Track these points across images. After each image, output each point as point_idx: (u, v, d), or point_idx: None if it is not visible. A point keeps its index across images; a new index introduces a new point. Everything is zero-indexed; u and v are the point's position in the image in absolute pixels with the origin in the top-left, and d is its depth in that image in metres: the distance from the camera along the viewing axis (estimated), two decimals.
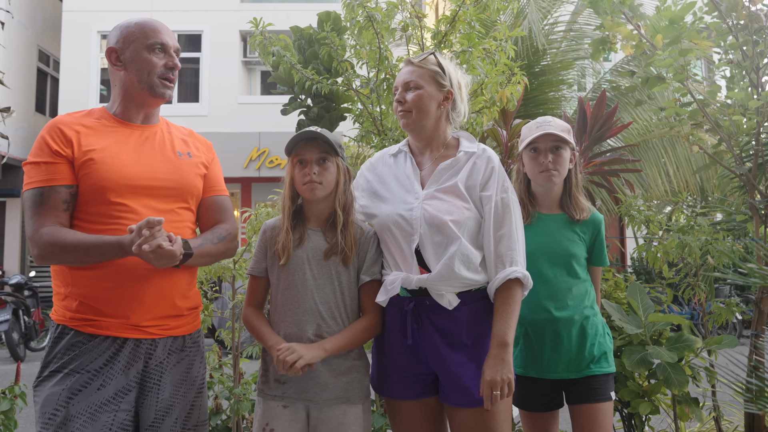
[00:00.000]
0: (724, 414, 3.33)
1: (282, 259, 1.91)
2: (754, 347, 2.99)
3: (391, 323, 1.94)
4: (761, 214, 3.18)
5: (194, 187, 1.93)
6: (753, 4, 3.03)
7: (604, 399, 2.15)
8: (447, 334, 1.87)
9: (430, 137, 2.01)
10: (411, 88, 1.97)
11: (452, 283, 1.86)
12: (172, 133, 1.99)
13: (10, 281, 9.19)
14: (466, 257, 1.86)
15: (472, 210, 1.90)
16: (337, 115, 8.07)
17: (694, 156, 7.70)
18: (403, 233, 1.91)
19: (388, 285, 1.91)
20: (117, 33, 1.89)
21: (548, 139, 2.21)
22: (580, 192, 2.30)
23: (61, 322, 1.77)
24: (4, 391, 2.99)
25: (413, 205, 1.92)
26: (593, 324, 2.20)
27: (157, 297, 1.79)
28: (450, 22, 3.31)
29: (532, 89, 7.12)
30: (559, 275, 2.19)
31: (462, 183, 1.92)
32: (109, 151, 1.80)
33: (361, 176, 2.13)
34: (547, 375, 2.18)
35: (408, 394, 1.94)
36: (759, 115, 3.11)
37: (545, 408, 2.23)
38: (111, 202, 1.76)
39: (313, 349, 1.82)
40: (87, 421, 1.67)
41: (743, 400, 2.80)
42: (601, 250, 2.28)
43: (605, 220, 2.47)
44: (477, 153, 1.97)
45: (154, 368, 1.80)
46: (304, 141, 1.92)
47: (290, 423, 1.87)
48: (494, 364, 1.79)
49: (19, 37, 13.06)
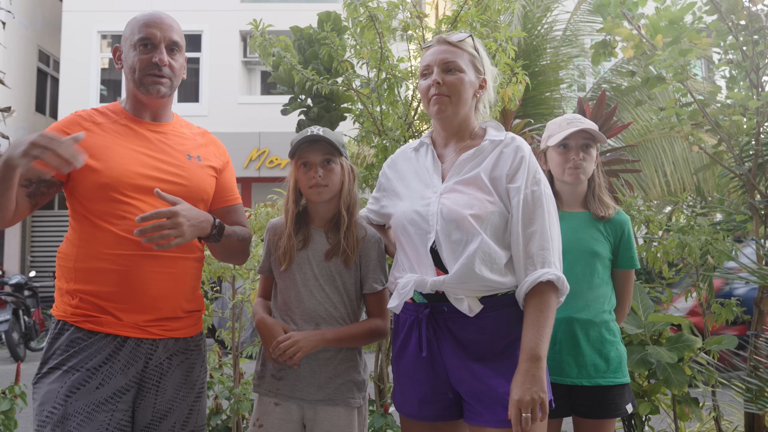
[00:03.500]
0: (724, 414, 3.33)
1: (283, 265, 1.89)
2: (754, 347, 2.99)
3: (406, 333, 1.75)
4: (761, 214, 3.19)
5: (203, 191, 1.88)
6: (753, 4, 3.03)
7: (611, 415, 2.05)
8: (469, 345, 1.65)
9: (459, 127, 1.81)
10: (451, 70, 1.74)
11: (472, 286, 1.64)
12: (185, 134, 1.94)
13: (10, 281, 9.19)
14: (489, 256, 1.63)
15: (497, 204, 1.67)
16: (337, 115, 8.07)
17: (692, 156, 7.71)
18: (418, 230, 1.71)
19: (400, 288, 1.73)
20: (124, 30, 1.88)
21: (580, 136, 2.13)
22: (603, 191, 2.21)
23: (62, 317, 1.75)
24: (4, 391, 2.99)
25: (431, 199, 1.72)
26: (611, 329, 2.09)
27: (161, 298, 1.77)
28: (451, 23, 3.31)
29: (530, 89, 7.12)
30: (581, 274, 2.08)
31: (486, 174, 1.70)
32: (114, 150, 1.78)
33: (383, 175, 1.97)
34: (559, 379, 2.04)
35: (424, 414, 1.73)
36: (759, 115, 3.12)
37: (553, 414, 1.95)
38: (115, 200, 1.74)
39: (313, 339, 1.80)
40: (84, 419, 1.66)
41: (743, 400, 2.80)
42: (628, 250, 2.16)
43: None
44: (505, 141, 1.75)
45: (154, 369, 1.78)
46: (307, 143, 1.88)
47: (281, 421, 1.85)
48: (524, 381, 1.54)
49: (19, 37, 13.06)
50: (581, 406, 2.09)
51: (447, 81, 1.74)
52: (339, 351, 1.88)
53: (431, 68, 1.77)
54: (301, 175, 1.90)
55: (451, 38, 1.78)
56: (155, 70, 1.79)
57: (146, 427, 1.79)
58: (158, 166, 1.82)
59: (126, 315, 1.74)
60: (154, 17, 1.83)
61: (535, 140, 3.24)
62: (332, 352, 1.87)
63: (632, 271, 2.21)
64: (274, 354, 1.81)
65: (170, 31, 1.83)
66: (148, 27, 1.81)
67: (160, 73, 1.80)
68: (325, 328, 1.85)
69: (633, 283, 2.23)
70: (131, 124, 1.85)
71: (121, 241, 1.73)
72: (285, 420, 1.85)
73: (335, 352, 1.87)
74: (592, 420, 2.07)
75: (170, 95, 1.88)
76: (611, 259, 2.16)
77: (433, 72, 1.76)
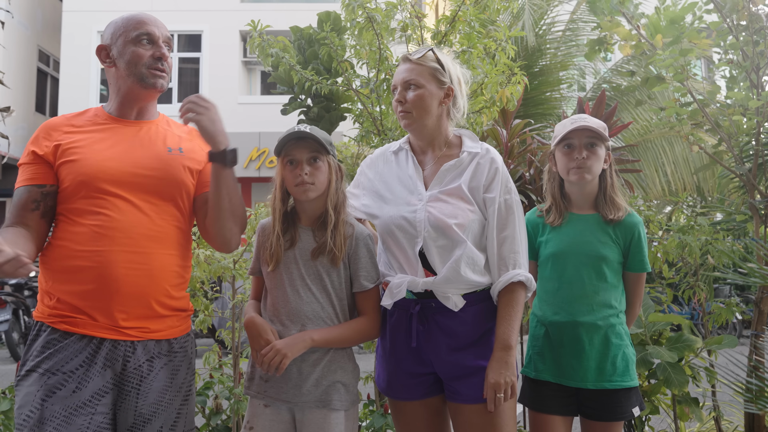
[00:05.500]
0: (724, 414, 3.33)
1: (270, 265, 1.87)
2: (754, 347, 2.99)
3: (396, 325, 1.92)
4: (761, 214, 3.19)
5: (181, 182, 1.86)
6: (754, 4, 3.03)
7: (618, 418, 2.05)
8: (453, 334, 1.86)
9: (431, 136, 1.97)
10: (411, 87, 1.91)
11: (458, 285, 1.85)
12: (169, 130, 1.95)
13: (10, 281, 9.19)
14: (472, 260, 1.85)
15: (476, 212, 1.88)
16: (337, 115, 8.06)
17: (692, 156, 7.72)
18: (407, 236, 1.89)
19: (393, 288, 1.88)
20: (107, 31, 1.90)
21: (583, 134, 2.10)
22: (616, 192, 2.16)
23: (39, 318, 1.75)
24: (4, 391, 2.99)
25: (417, 207, 1.89)
26: (618, 333, 2.07)
27: (134, 296, 1.74)
28: (450, 22, 3.31)
29: (531, 89, 7.12)
30: (587, 278, 2.07)
31: (466, 185, 1.89)
32: (92, 146, 1.79)
33: (362, 174, 2.09)
34: (563, 381, 2.06)
35: (413, 394, 1.93)
36: (759, 115, 3.12)
37: (560, 411, 2.07)
38: (92, 196, 1.74)
39: (298, 343, 1.79)
40: (62, 423, 1.64)
41: (743, 400, 2.80)
42: (638, 253, 2.12)
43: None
44: (480, 153, 1.94)
45: (133, 372, 1.75)
46: (294, 141, 1.86)
47: (271, 423, 1.83)
48: (498, 367, 1.80)
49: (19, 37, 13.06)
50: (587, 408, 2.08)
51: (408, 98, 1.91)
52: (327, 352, 1.85)
53: (396, 87, 1.96)
54: (288, 173, 1.87)
55: (412, 57, 1.95)
56: (158, 64, 1.85)
57: (129, 430, 1.76)
58: (135, 161, 1.81)
59: (101, 314, 1.72)
60: (148, 15, 1.89)
61: (536, 140, 3.24)
62: (319, 353, 1.84)
63: (643, 275, 2.17)
64: (258, 365, 1.80)
65: (164, 29, 1.91)
66: (146, 24, 1.86)
67: (162, 68, 1.86)
68: (312, 328, 1.83)
69: (643, 286, 2.20)
70: (111, 123, 1.87)
71: (95, 237, 1.72)
72: (275, 421, 1.84)
73: (322, 353, 1.85)
74: (599, 422, 2.06)
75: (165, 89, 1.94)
76: (621, 262, 2.13)
77: (398, 90, 1.95)
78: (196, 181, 1.93)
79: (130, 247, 1.74)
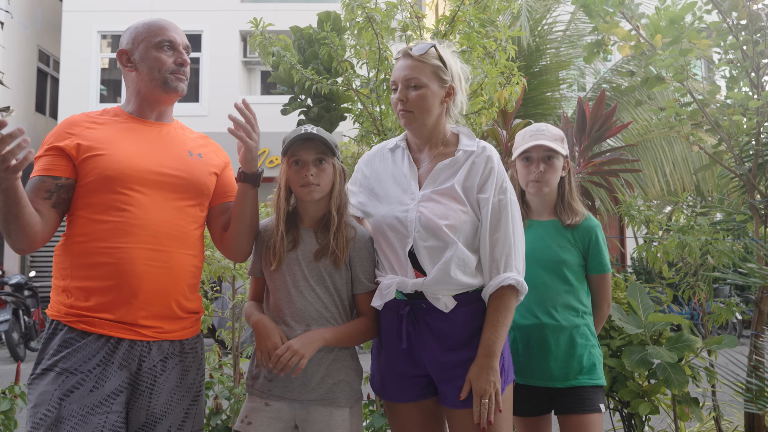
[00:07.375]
0: (724, 414, 3.33)
1: (273, 264, 1.88)
2: (754, 347, 2.99)
3: (387, 326, 1.90)
4: (761, 214, 3.19)
5: (205, 186, 1.92)
6: (754, 3, 3.03)
7: (593, 410, 2.10)
8: (443, 336, 1.83)
9: (430, 134, 1.94)
10: (412, 86, 1.86)
11: (448, 286, 1.81)
12: (185, 134, 2.01)
13: (10, 281, 9.20)
14: (463, 261, 1.80)
15: (469, 213, 1.84)
16: (337, 115, 8.06)
17: (691, 156, 7.72)
18: (398, 235, 1.86)
19: (383, 289, 1.86)
20: (127, 35, 1.93)
21: (541, 149, 2.18)
22: (574, 198, 2.25)
23: (55, 317, 1.75)
24: (4, 391, 2.99)
25: (409, 206, 1.87)
26: (583, 333, 2.14)
27: (156, 294, 1.77)
28: (449, 22, 3.31)
29: (531, 89, 7.12)
30: (550, 282, 2.15)
31: (459, 185, 1.86)
32: (117, 144, 1.80)
33: (359, 171, 2.07)
34: (533, 381, 2.14)
35: (406, 396, 1.90)
36: (759, 115, 3.12)
37: (535, 412, 2.18)
38: (116, 192, 1.75)
39: (313, 343, 1.80)
40: (79, 422, 1.65)
41: (743, 400, 2.80)
42: (597, 255, 2.20)
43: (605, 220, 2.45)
44: (476, 152, 1.89)
45: (147, 371, 1.77)
46: (301, 141, 1.87)
47: (270, 420, 1.84)
48: (481, 374, 1.76)
49: (19, 37, 13.06)
50: (560, 404, 2.15)
51: (410, 98, 1.86)
52: (331, 351, 1.87)
53: (397, 84, 1.91)
54: (293, 174, 1.88)
55: (414, 52, 1.88)
56: (180, 70, 1.92)
57: (140, 429, 1.78)
58: (160, 161, 1.84)
59: (120, 313, 1.73)
60: (168, 22, 1.95)
61: None
62: (324, 352, 1.85)
63: (606, 276, 2.23)
64: (273, 367, 1.79)
65: (183, 36, 1.97)
66: (168, 30, 1.92)
67: (183, 73, 1.93)
68: (316, 328, 1.84)
69: (608, 287, 2.26)
70: (133, 122, 1.90)
71: (117, 233, 1.73)
72: (274, 419, 1.84)
73: (327, 352, 1.86)
74: (575, 415, 2.11)
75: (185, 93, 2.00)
76: (582, 265, 2.21)
77: (398, 88, 1.89)
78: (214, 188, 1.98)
79: (151, 244, 1.76)
